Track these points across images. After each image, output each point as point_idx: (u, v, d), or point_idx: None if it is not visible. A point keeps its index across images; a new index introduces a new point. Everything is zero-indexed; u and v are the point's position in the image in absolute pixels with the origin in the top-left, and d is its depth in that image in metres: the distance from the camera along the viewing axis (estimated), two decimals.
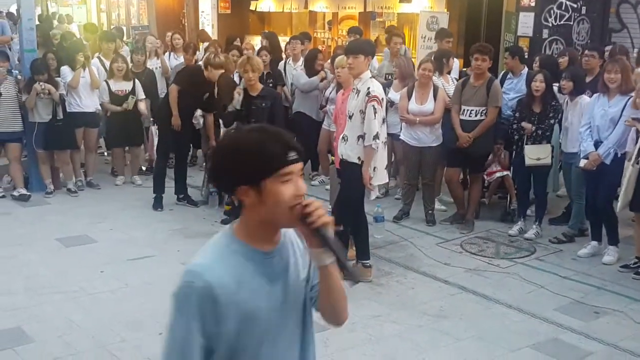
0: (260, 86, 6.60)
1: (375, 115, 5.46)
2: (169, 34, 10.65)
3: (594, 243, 6.43)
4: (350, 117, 5.61)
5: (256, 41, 12.46)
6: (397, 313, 5.24)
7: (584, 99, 6.58)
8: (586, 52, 7.38)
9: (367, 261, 5.88)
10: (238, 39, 10.78)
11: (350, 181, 5.60)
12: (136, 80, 8.57)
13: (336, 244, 1.91)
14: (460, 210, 7.34)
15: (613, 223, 6.28)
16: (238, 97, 6.48)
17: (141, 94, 8.55)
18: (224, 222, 7.07)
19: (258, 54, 8.85)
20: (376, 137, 5.49)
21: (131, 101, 8.38)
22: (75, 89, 8.19)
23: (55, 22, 16.47)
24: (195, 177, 8.68)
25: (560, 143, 6.95)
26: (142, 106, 8.51)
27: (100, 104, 8.49)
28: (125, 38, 12.56)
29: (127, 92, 8.46)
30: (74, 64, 8.22)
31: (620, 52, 7.51)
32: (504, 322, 5.14)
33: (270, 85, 8.22)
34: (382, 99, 5.60)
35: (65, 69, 8.25)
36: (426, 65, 7.17)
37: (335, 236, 1.92)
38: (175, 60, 9.95)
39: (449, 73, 7.85)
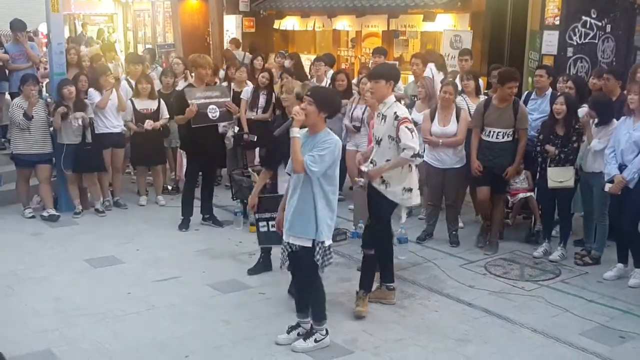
0: None
1: (412, 135, 5.32)
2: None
3: (620, 265, 6.38)
4: (378, 143, 5.56)
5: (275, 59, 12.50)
6: (421, 337, 5.24)
7: (613, 122, 6.46)
8: (604, 75, 7.29)
9: (392, 284, 5.89)
10: (261, 56, 10.91)
11: (379, 208, 5.62)
12: (161, 100, 8.72)
13: None
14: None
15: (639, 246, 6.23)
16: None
17: (165, 114, 8.69)
18: (250, 271, 6.48)
19: (280, 77, 8.91)
20: (417, 155, 5.39)
21: (146, 125, 8.53)
22: (102, 110, 8.30)
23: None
24: (221, 197, 8.79)
25: (581, 164, 6.74)
26: (157, 123, 8.63)
27: (124, 123, 8.62)
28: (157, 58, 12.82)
29: (152, 110, 8.63)
30: (99, 86, 8.36)
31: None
32: (530, 347, 5.12)
33: None
34: (411, 119, 5.50)
35: (92, 92, 8.35)
36: (447, 88, 7.18)
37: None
38: None
39: (477, 95, 7.83)
